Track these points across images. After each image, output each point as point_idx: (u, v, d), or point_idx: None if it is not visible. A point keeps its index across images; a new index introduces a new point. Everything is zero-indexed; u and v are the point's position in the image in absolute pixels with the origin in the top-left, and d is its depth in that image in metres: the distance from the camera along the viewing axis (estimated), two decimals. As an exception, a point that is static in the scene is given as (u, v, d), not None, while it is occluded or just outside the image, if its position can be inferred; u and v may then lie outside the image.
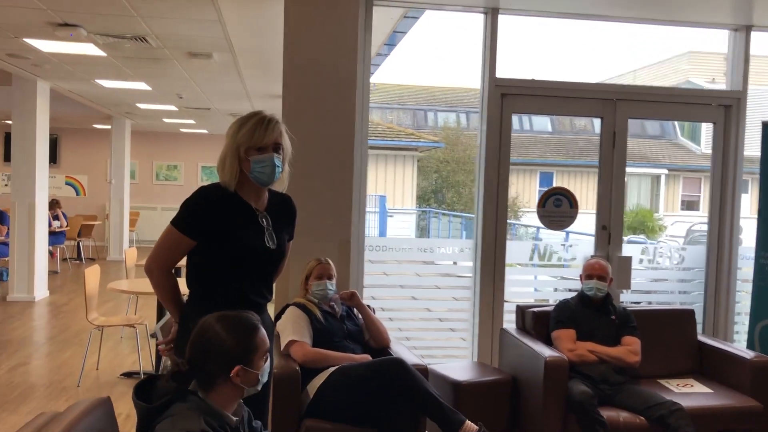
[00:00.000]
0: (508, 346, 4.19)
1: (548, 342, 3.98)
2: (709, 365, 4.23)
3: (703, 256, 5.08)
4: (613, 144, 4.87)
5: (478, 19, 4.71)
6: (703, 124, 19.68)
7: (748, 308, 4.93)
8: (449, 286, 5.09)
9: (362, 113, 4.39)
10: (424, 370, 3.35)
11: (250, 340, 2.04)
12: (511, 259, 4.93)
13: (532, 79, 4.78)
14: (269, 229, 2.55)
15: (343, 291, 3.83)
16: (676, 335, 4.32)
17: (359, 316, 3.77)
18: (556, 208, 4.82)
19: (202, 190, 2.49)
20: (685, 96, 5.33)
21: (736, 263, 5.01)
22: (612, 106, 4.85)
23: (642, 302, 5.15)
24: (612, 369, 3.80)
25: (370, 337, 3.72)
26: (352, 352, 3.52)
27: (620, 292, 4.87)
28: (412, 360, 3.42)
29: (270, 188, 2.59)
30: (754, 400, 3.78)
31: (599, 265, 4.04)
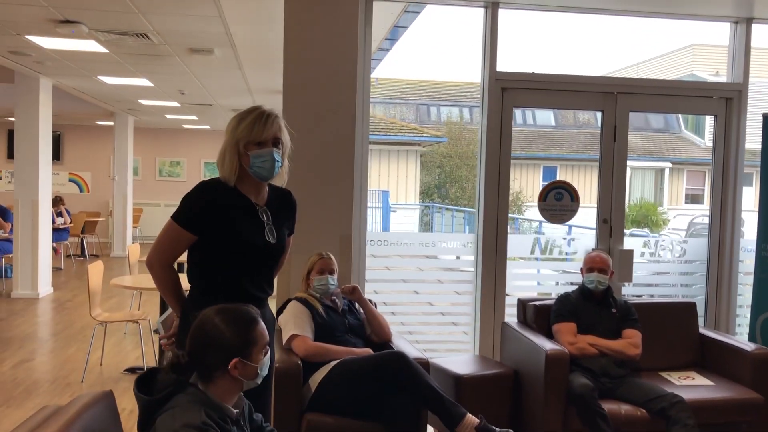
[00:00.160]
0: (510, 340, 4.20)
1: (549, 335, 3.98)
2: (711, 358, 4.23)
3: (705, 249, 5.08)
4: (614, 137, 4.87)
5: (479, 13, 4.71)
6: (706, 117, 19.59)
7: (749, 301, 4.93)
8: (451, 280, 5.11)
9: (363, 108, 4.40)
10: (425, 363, 3.37)
11: (249, 333, 2.05)
12: (513, 253, 4.94)
13: (532, 73, 4.78)
14: (269, 224, 2.56)
15: (345, 285, 3.84)
16: (677, 328, 4.32)
17: (361, 310, 3.78)
18: (557, 201, 4.82)
19: (202, 185, 2.51)
20: (686, 89, 5.32)
21: (738, 256, 5.01)
22: (613, 99, 4.85)
23: (644, 295, 5.15)
24: (613, 362, 3.81)
25: (371, 332, 3.73)
26: (354, 346, 3.53)
27: (622, 286, 4.87)
28: (413, 354, 3.43)
29: (270, 183, 2.60)
30: (755, 393, 3.78)
31: (600, 258, 4.04)
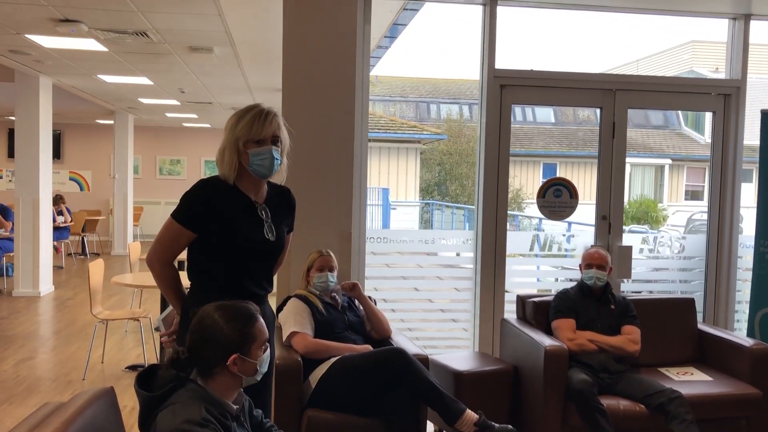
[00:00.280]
0: (509, 336, 4.22)
1: (549, 332, 3.99)
2: (709, 353, 4.24)
3: (704, 245, 5.09)
4: (612, 134, 4.88)
5: (477, 10, 4.72)
6: (706, 114, 19.57)
7: (748, 296, 4.94)
8: (451, 277, 5.11)
9: (362, 105, 4.41)
10: (424, 359, 3.38)
11: (248, 330, 2.06)
12: (513, 250, 4.95)
13: (531, 70, 4.79)
14: (268, 221, 2.57)
15: (345, 282, 3.85)
16: (676, 324, 4.33)
17: (360, 307, 3.80)
18: (556, 198, 4.83)
19: (202, 183, 2.52)
20: (684, 85, 5.33)
21: (737, 252, 5.03)
22: (611, 96, 4.86)
23: (643, 291, 5.16)
24: (612, 358, 3.82)
25: (371, 328, 3.75)
26: (354, 342, 3.55)
27: (621, 282, 4.89)
28: (413, 350, 3.44)
29: (269, 181, 2.62)
30: (754, 388, 3.79)
31: (598, 255, 4.05)
